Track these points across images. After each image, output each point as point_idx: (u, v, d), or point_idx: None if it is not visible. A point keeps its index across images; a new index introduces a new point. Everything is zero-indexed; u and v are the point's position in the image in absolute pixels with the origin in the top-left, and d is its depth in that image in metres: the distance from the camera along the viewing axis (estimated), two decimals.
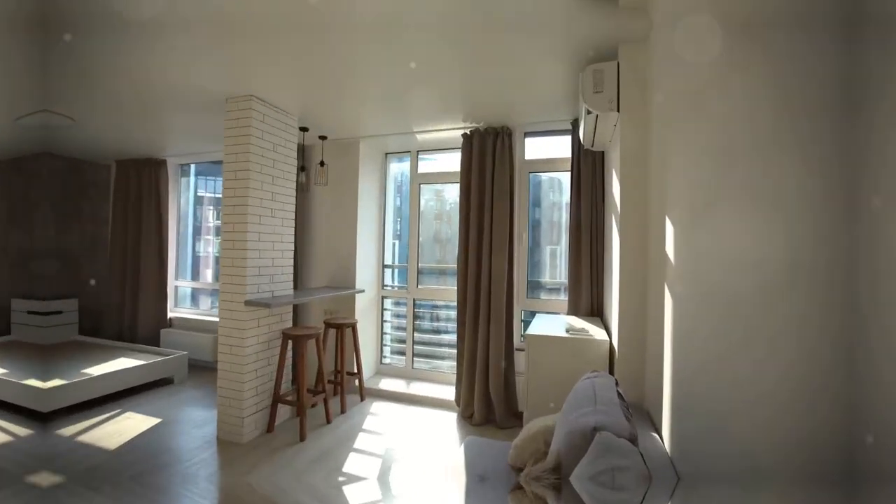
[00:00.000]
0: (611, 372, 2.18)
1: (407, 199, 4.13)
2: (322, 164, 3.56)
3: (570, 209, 3.06)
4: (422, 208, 4.00)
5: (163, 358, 3.79)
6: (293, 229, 3.17)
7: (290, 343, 2.97)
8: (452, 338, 3.83)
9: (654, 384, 1.80)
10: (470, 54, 2.18)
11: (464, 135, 3.33)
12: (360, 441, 2.78)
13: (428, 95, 2.72)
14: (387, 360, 4.12)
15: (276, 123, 2.97)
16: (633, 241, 2.05)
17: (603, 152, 2.91)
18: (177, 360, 3.87)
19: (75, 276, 4.75)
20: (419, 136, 3.59)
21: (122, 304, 4.68)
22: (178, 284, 4.89)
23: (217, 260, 4.93)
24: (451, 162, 3.92)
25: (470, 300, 3.22)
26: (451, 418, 3.19)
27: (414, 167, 3.99)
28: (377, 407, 3.38)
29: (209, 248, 5.06)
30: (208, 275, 4.97)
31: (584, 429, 1.22)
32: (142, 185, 4.64)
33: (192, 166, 4.94)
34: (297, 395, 3.09)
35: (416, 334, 3.94)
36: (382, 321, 4.09)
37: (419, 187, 3.97)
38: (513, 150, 3.25)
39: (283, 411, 3.06)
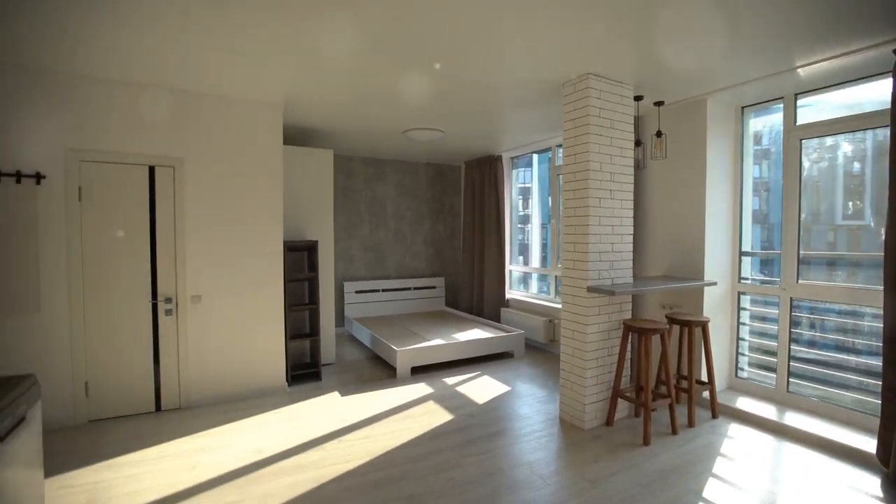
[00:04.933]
0: None
1: (776, 164, 3.32)
2: (659, 134, 3.34)
3: None
4: (804, 175, 3.12)
5: (506, 334, 4.60)
6: (632, 211, 3.13)
7: (629, 336, 2.96)
8: (863, 360, 2.84)
9: None
10: None
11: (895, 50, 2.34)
12: (720, 467, 2.46)
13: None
14: (743, 374, 3.50)
15: (612, 97, 2.98)
16: None
17: None
18: (516, 338, 4.62)
19: (441, 258, 6.45)
20: (801, 71, 2.78)
21: (472, 283, 6.00)
22: (512, 269, 5.80)
23: (527, 247, 5.75)
24: (857, 99, 2.87)
25: None
26: (870, 482, 2.34)
27: (789, 118, 3.15)
28: (735, 430, 2.92)
29: (521, 235, 5.91)
30: (520, 260, 5.82)
31: None
32: (484, 180, 5.77)
33: (519, 159, 5.72)
34: (637, 393, 3.07)
35: (792, 346, 3.14)
36: (738, 323, 3.49)
37: (799, 144, 3.11)
38: None
39: (621, 407, 3.10)
